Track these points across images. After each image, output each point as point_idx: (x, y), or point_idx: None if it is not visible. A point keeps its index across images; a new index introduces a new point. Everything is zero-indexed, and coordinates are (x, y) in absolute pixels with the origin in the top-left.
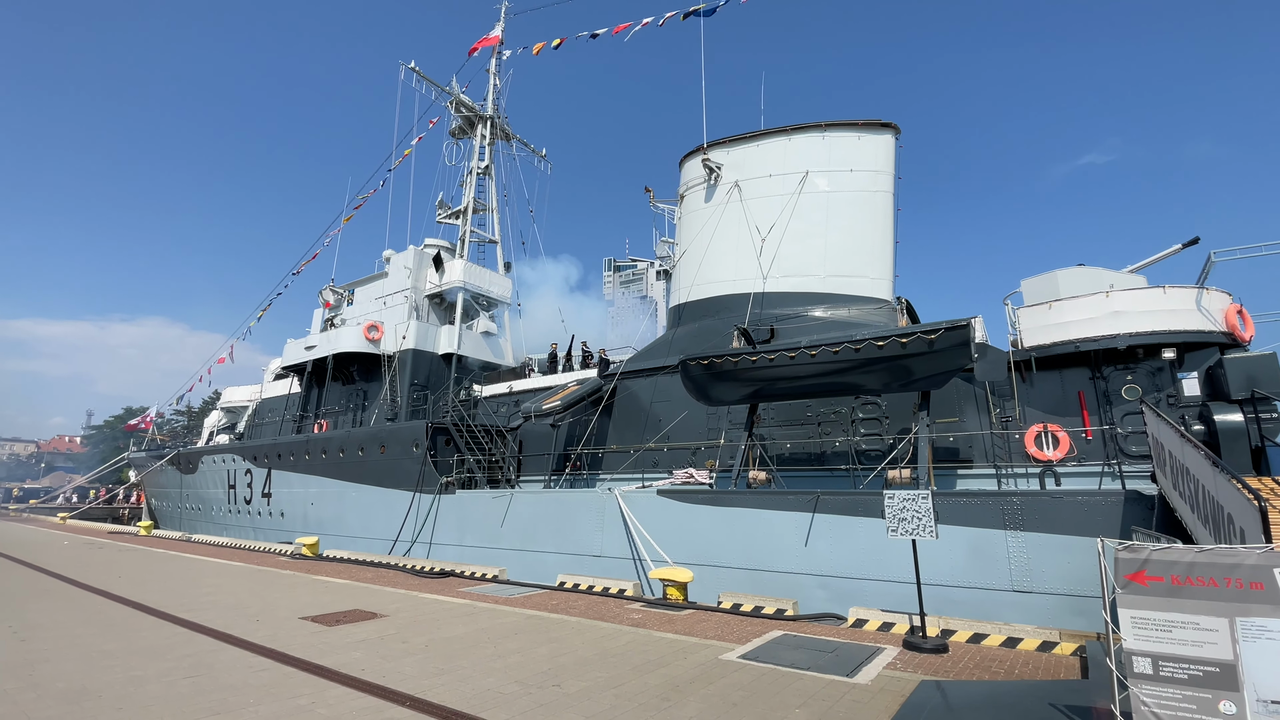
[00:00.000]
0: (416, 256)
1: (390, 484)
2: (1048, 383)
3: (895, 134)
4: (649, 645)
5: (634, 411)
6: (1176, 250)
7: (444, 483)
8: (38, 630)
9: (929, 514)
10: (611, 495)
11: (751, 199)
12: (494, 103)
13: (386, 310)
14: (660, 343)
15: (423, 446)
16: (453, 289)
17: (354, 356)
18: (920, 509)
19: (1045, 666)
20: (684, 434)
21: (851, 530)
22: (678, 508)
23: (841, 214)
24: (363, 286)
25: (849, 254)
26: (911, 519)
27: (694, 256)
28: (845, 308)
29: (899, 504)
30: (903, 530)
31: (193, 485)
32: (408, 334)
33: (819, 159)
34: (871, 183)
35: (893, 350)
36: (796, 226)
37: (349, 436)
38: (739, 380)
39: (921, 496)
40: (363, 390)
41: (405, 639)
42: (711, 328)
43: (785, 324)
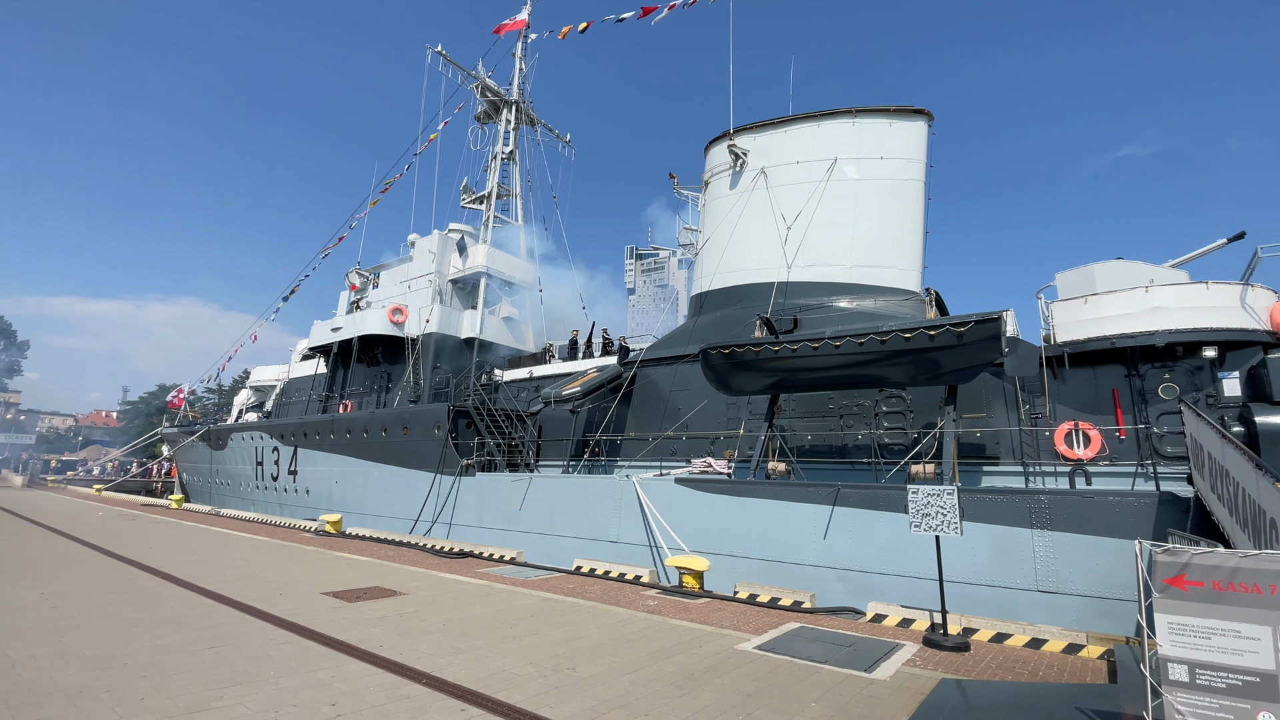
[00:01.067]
0: (441, 241)
1: (412, 465)
2: (1080, 380)
3: (928, 121)
4: (664, 632)
5: (653, 399)
6: (1221, 245)
7: (464, 465)
8: (69, 598)
9: (954, 510)
10: (629, 482)
11: (778, 186)
12: (519, 87)
13: (411, 294)
14: (681, 331)
15: (444, 429)
16: (476, 273)
17: (378, 339)
18: (945, 504)
19: (1071, 669)
20: (703, 423)
21: (872, 524)
22: (695, 496)
23: (870, 202)
24: (388, 270)
25: (877, 244)
26: (935, 514)
27: (717, 244)
28: (871, 299)
29: (923, 499)
30: (926, 526)
31: (222, 461)
32: (431, 317)
33: (849, 146)
34: (902, 171)
35: (920, 343)
36: (823, 215)
37: (373, 417)
38: (761, 370)
39: (946, 492)
40: (387, 372)
41: (423, 617)
42: (733, 317)
43: (809, 314)
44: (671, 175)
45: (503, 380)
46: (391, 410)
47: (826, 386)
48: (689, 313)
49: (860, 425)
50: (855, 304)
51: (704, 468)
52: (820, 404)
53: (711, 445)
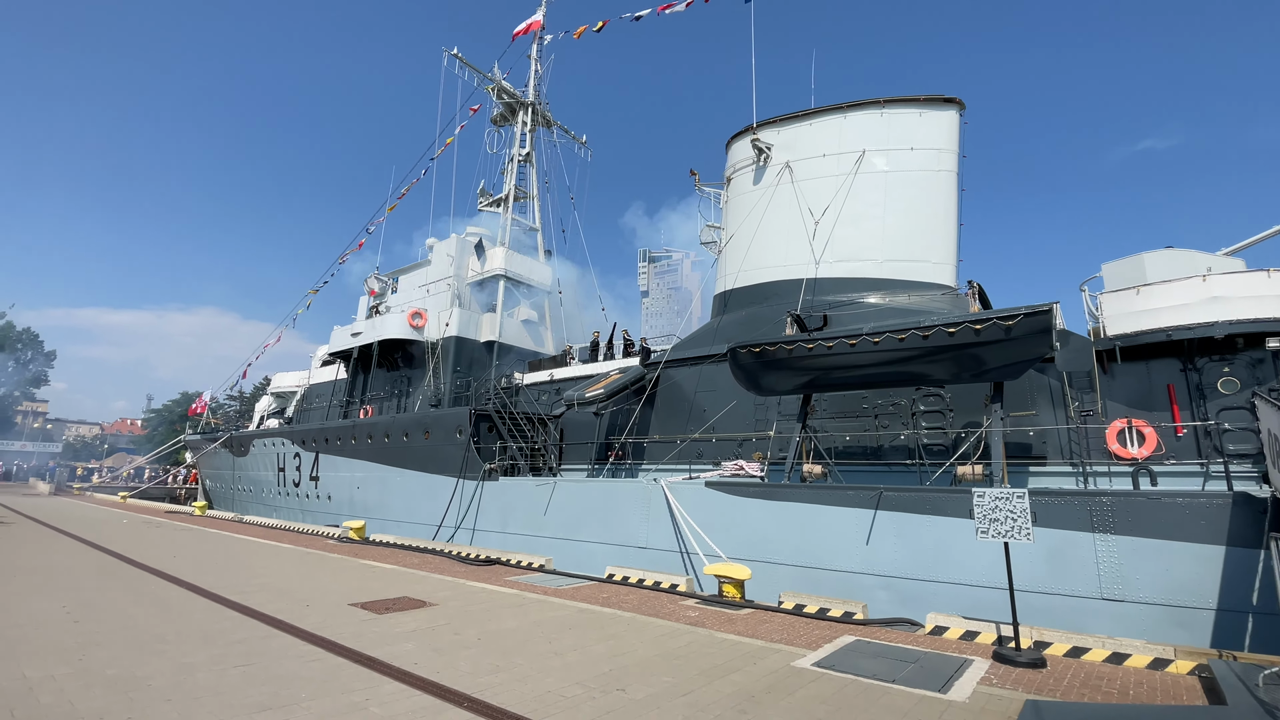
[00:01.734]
0: (459, 244)
1: (434, 469)
2: (1130, 374)
3: (959, 110)
4: (712, 647)
5: (677, 401)
6: (1276, 231)
7: (487, 469)
8: (92, 610)
9: (1025, 514)
10: (657, 486)
11: (804, 180)
12: (535, 89)
13: (430, 298)
14: (705, 330)
15: (466, 433)
16: (494, 276)
17: (398, 343)
18: (1015, 509)
19: (1163, 688)
20: (730, 425)
21: (918, 529)
22: (727, 500)
23: (901, 195)
24: (407, 274)
25: (909, 237)
26: (1005, 520)
27: (741, 241)
28: (905, 294)
29: (990, 503)
30: (994, 532)
31: (244, 467)
32: (451, 321)
33: (877, 137)
34: (934, 161)
35: (965, 338)
36: (852, 208)
37: (394, 422)
38: (793, 369)
39: (1017, 495)
40: (406, 377)
41: (457, 630)
42: (760, 315)
43: (839, 310)
44: (693, 172)
45: (523, 383)
46: (412, 415)
47: (862, 385)
48: (713, 311)
49: (896, 425)
50: (887, 300)
51: (736, 470)
52: (853, 404)
53: (739, 447)
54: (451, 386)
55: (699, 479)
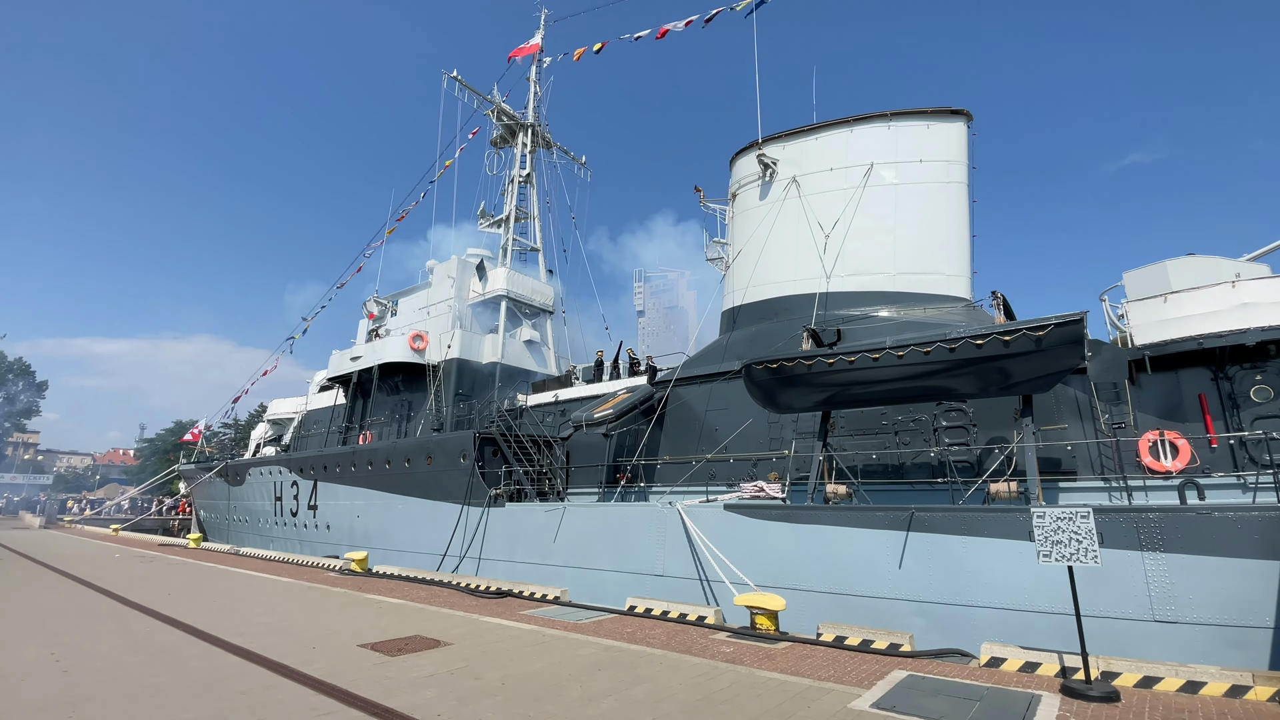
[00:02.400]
0: (459, 265)
1: (438, 496)
2: (1160, 385)
3: (967, 121)
4: (757, 688)
5: (687, 421)
6: None
7: (493, 495)
8: (82, 659)
9: (1090, 535)
10: (673, 510)
11: (811, 194)
12: (534, 110)
13: (430, 320)
14: (714, 348)
15: (470, 457)
16: (496, 297)
17: (399, 367)
18: (1080, 530)
19: (1245, 718)
20: (742, 444)
21: (953, 551)
22: (747, 524)
23: (911, 207)
24: (406, 297)
25: (921, 250)
26: (1069, 542)
27: (749, 257)
28: (919, 307)
29: (1051, 524)
30: (1057, 555)
31: (240, 497)
32: (453, 343)
33: (885, 150)
34: (944, 173)
35: (993, 350)
36: (861, 222)
37: (395, 448)
38: (812, 385)
39: (1081, 515)
40: (407, 401)
41: (478, 674)
42: (770, 331)
43: (852, 325)
44: (698, 189)
45: (527, 405)
46: (414, 440)
47: (884, 401)
48: (721, 328)
49: (917, 442)
50: (901, 313)
51: (755, 492)
52: (872, 420)
53: (754, 468)
54: (454, 410)
55: (717, 502)
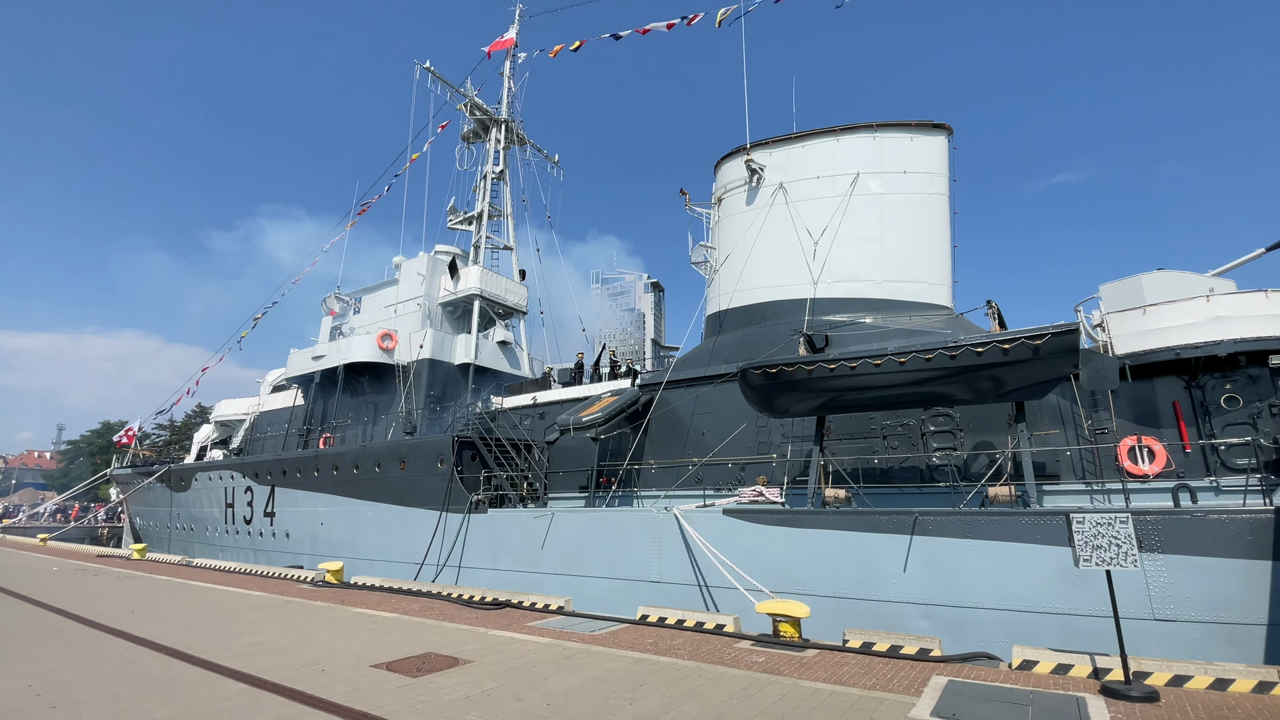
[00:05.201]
0: (430, 262)
1: (412, 502)
2: (1136, 392)
3: (948, 135)
4: (810, 699)
5: (673, 425)
6: (1261, 254)
7: (474, 500)
8: (65, 690)
9: (1130, 540)
10: (670, 515)
11: (799, 201)
12: (508, 106)
13: (398, 318)
14: (700, 351)
15: (449, 462)
16: (469, 296)
17: (365, 367)
18: (1119, 535)
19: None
20: (730, 449)
21: (957, 554)
22: (748, 529)
23: (896, 217)
24: (371, 294)
25: (905, 259)
26: (1109, 546)
27: (736, 262)
28: (904, 314)
29: (1091, 529)
30: (1097, 560)
31: (185, 504)
32: (424, 343)
33: (870, 160)
34: (926, 185)
35: (992, 357)
36: (848, 230)
37: (365, 451)
38: (810, 390)
39: (1119, 520)
40: (374, 403)
41: (517, 695)
42: (756, 335)
43: (839, 331)
44: (683, 191)
45: (502, 407)
46: (387, 443)
47: (879, 406)
48: (706, 332)
49: (905, 446)
50: (886, 320)
51: (754, 496)
52: (860, 425)
53: (743, 472)
54: (425, 413)
55: (715, 506)
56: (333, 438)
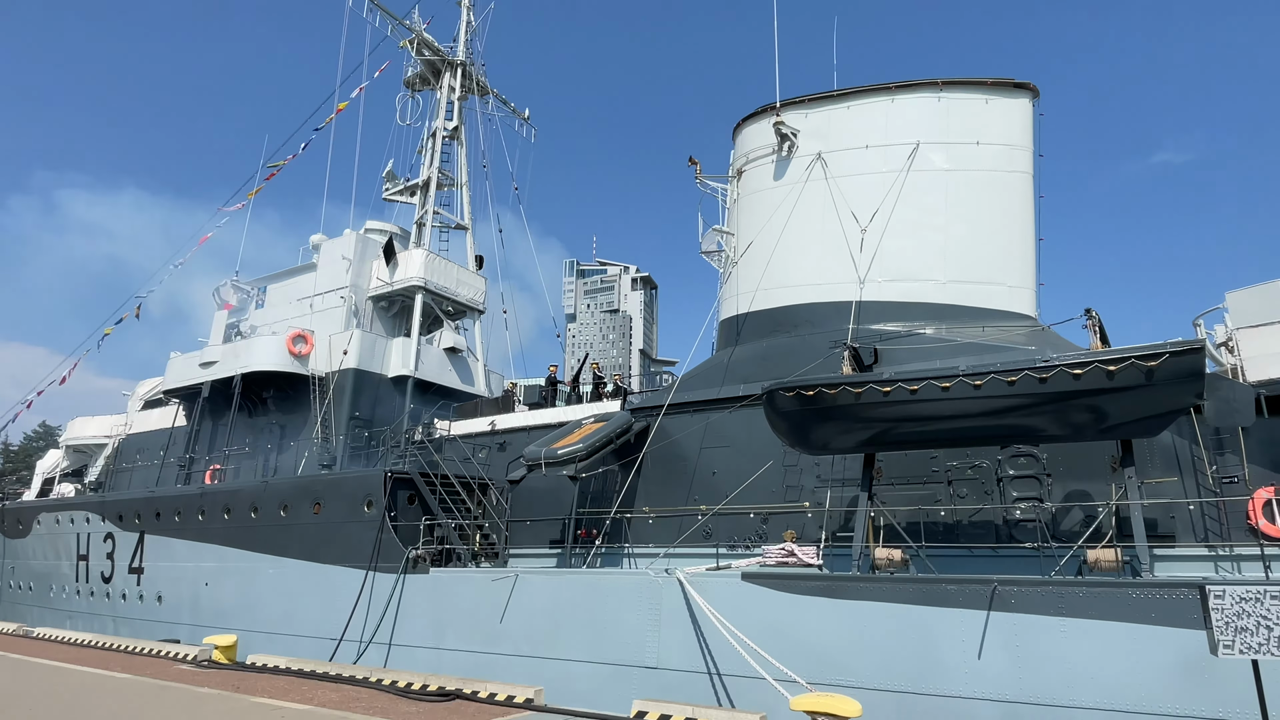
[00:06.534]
0: (358, 244)
1: (330, 558)
2: (1272, 430)
3: (1033, 97)
4: None
5: (674, 462)
6: None
7: (412, 557)
8: None
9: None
10: (672, 580)
11: (842, 176)
12: (466, 45)
13: (315, 315)
14: (711, 367)
15: (380, 505)
16: (409, 288)
17: (270, 378)
18: (1272, 615)
19: None
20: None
21: (1047, 636)
22: (775, 600)
23: (966, 200)
24: (280, 283)
25: (977, 253)
26: (1257, 629)
27: (759, 252)
28: (975, 324)
29: (1234, 607)
30: (1242, 645)
31: (22, 554)
32: (349, 348)
33: (933, 127)
34: (1005, 160)
35: (1094, 382)
36: (905, 215)
37: (267, 490)
38: (857, 420)
39: (1273, 595)
40: (280, 425)
41: None
42: (787, 347)
43: (892, 344)
44: (692, 160)
45: (450, 435)
46: (297, 479)
47: (944, 443)
48: (719, 342)
49: (977, 494)
50: (952, 331)
51: (784, 557)
52: (920, 467)
53: (764, 525)
54: (349, 439)
55: (731, 569)
56: (224, 470)
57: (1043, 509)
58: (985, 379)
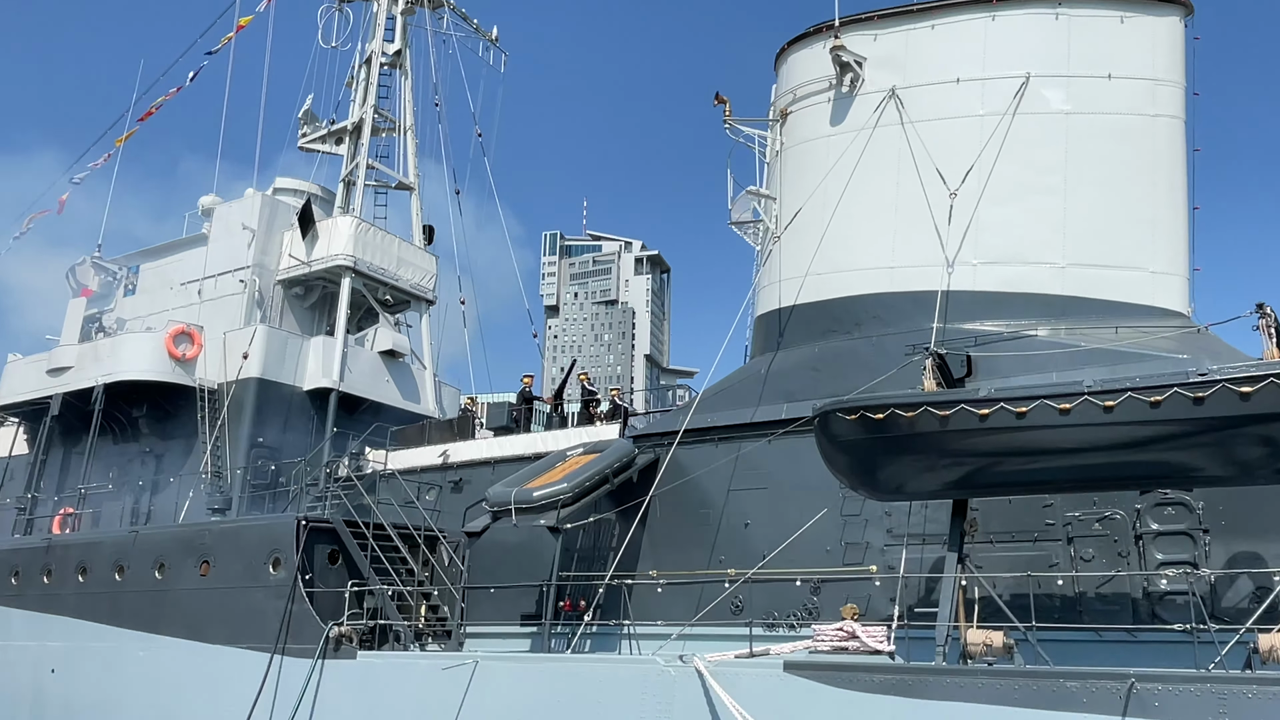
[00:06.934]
0: (264, 209)
1: (221, 636)
2: None
3: (1185, 15)
4: None
5: (691, 509)
6: None
7: (335, 636)
8: None
9: None
10: (688, 670)
11: (924, 121)
12: None
13: (204, 306)
14: (744, 380)
15: (291, 564)
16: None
17: (142, 390)
18: None
19: None
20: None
21: None
22: (829, 698)
23: (1093, 155)
24: (157, 262)
25: (1108, 228)
26: None
27: (811, 223)
28: (1108, 323)
29: None
30: None
31: None
32: (252, 350)
33: (1049, 54)
34: (1147, 99)
35: (1271, 403)
36: (1010, 174)
37: (137, 542)
38: (943, 453)
39: None
40: (156, 453)
41: None
42: (847, 353)
43: (992, 349)
44: (719, 98)
45: (387, 468)
46: (175, 528)
47: (1062, 486)
48: (754, 346)
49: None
50: (1075, 333)
51: (841, 640)
52: (1029, 518)
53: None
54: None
55: (769, 655)
56: (79, 515)
57: (1198, 577)
58: (1119, 399)
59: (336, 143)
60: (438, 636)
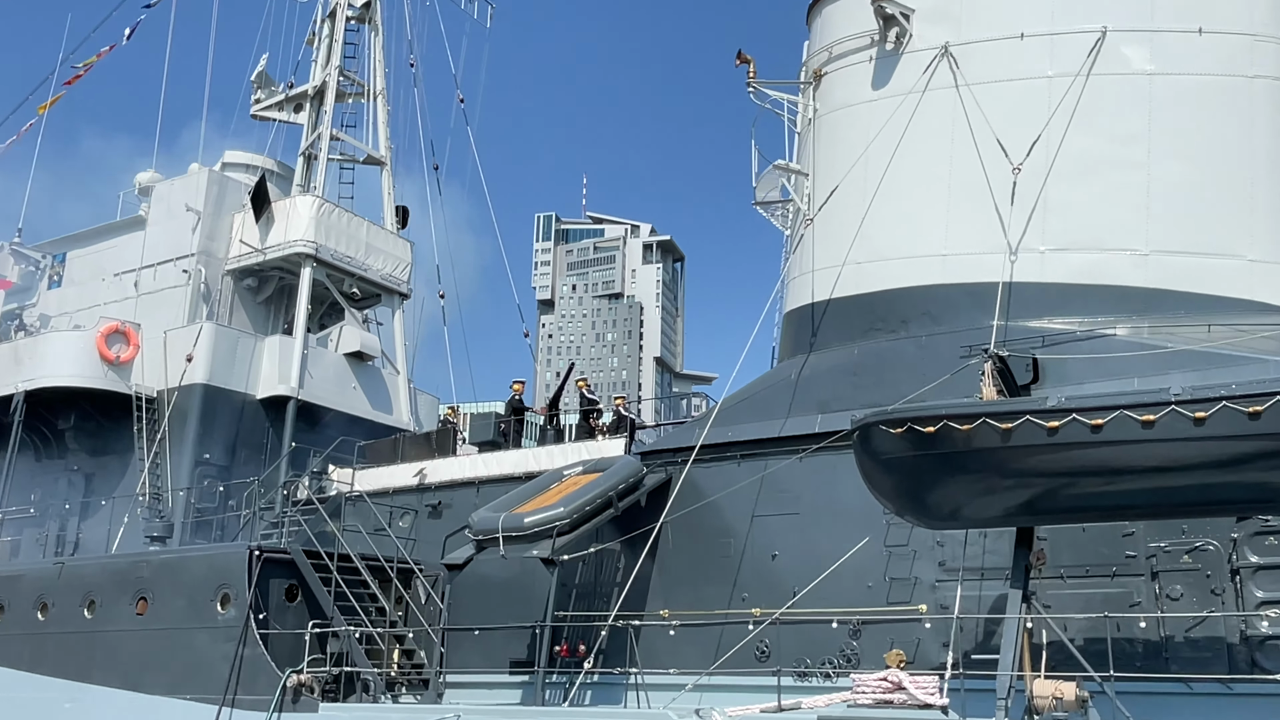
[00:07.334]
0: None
1: (161, 685)
2: None
3: None
4: None
5: (708, 537)
6: None
7: (292, 685)
8: None
9: None
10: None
11: (982, 84)
12: None
13: (142, 300)
14: (771, 385)
15: (243, 602)
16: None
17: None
18: None
19: None
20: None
21: None
22: None
23: (1182, 122)
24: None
25: (1199, 209)
26: None
27: (850, 204)
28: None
29: None
30: None
31: None
32: (197, 352)
33: (1128, 5)
34: (1244, 59)
35: None
36: (1083, 146)
37: (63, 575)
38: (1004, 472)
39: None
40: (84, 472)
41: None
42: (892, 355)
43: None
44: (743, 57)
45: (354, 490)
46: (108, 559)
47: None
48: (782, 347)
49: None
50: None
51: (886, 691)
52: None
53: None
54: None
55: (802, 709)
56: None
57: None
58: (1213, 409)
59: (295, 110)
60: (413, 686)
